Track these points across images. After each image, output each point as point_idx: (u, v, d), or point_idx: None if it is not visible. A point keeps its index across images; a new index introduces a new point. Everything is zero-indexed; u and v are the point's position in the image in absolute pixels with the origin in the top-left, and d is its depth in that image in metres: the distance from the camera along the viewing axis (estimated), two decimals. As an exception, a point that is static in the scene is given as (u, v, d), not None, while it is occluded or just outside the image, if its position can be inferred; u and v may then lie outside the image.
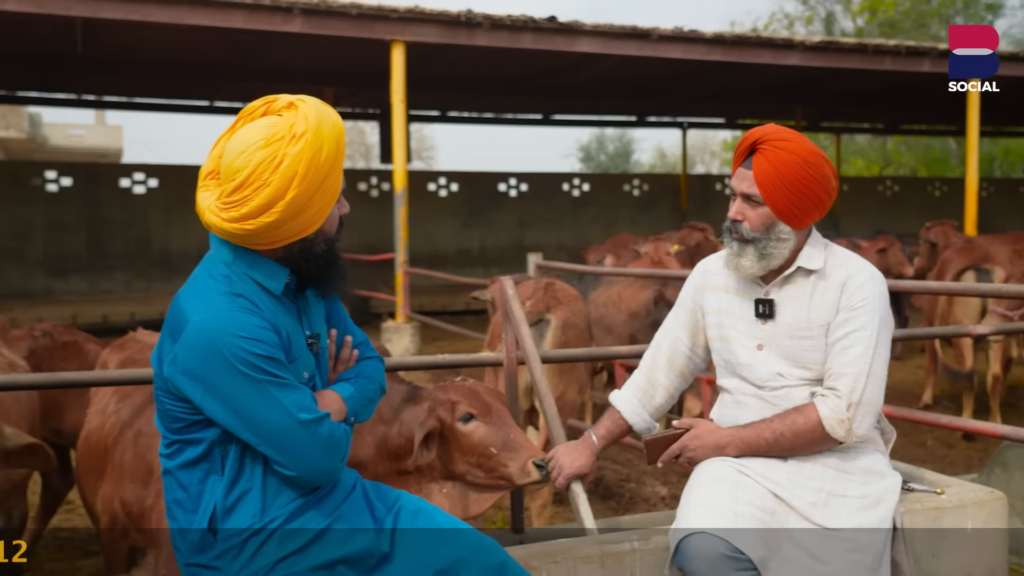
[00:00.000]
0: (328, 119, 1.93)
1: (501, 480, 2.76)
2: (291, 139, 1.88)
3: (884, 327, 2.41)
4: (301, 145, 1.87)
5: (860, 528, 2.31)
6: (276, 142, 1.88)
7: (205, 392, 1.86)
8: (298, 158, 1.87)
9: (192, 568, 1.95)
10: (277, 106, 1.97)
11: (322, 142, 1.90)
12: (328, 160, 1.91)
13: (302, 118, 1.90)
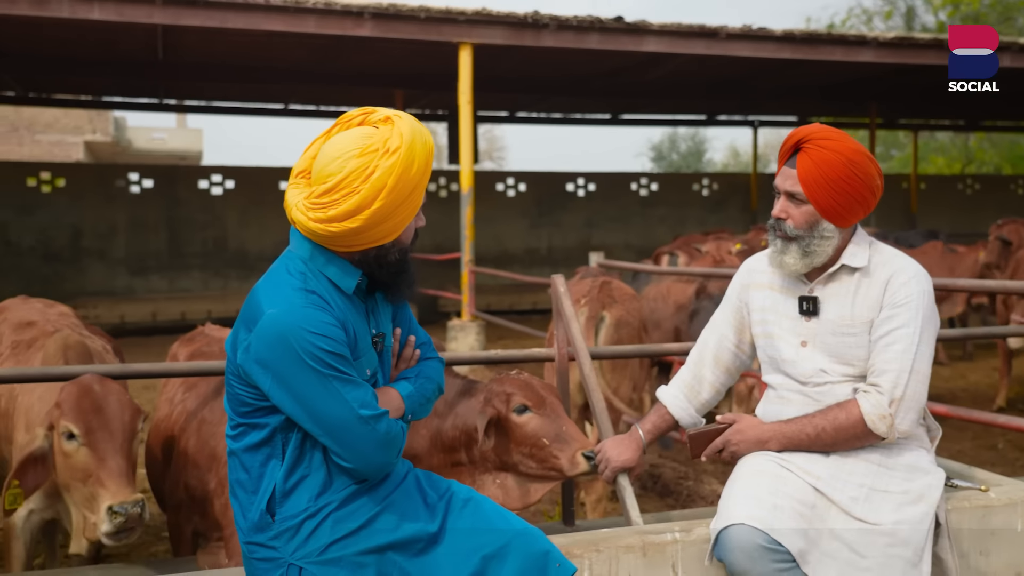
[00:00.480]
0: (421, 137, 2.04)
1: (552, 471, 2.84)
2: (385, 152, 1.98)
3: (928, 325, 2.42)
4: (394, 160, 1.97)
5: (901, 523, 2.33)
6: (370, 153, 1.98)
7: (274, 381, 1.97)
8: (389, 171, 1.97)
9: (251, 546, 2.07)
10: (374, 118, 2.07)
11: (413, 158, 2.00)
12: (416, 176, 2.01)
13: (397, 133, 2.00)
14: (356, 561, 2.01)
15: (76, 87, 15.07)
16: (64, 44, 11.22)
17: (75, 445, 2.76)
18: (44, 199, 15.38)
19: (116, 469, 2.72)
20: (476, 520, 2.17)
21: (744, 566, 2.31)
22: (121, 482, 2.70)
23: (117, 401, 2.83)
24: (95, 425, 2.76)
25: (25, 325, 3.86)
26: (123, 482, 2.70)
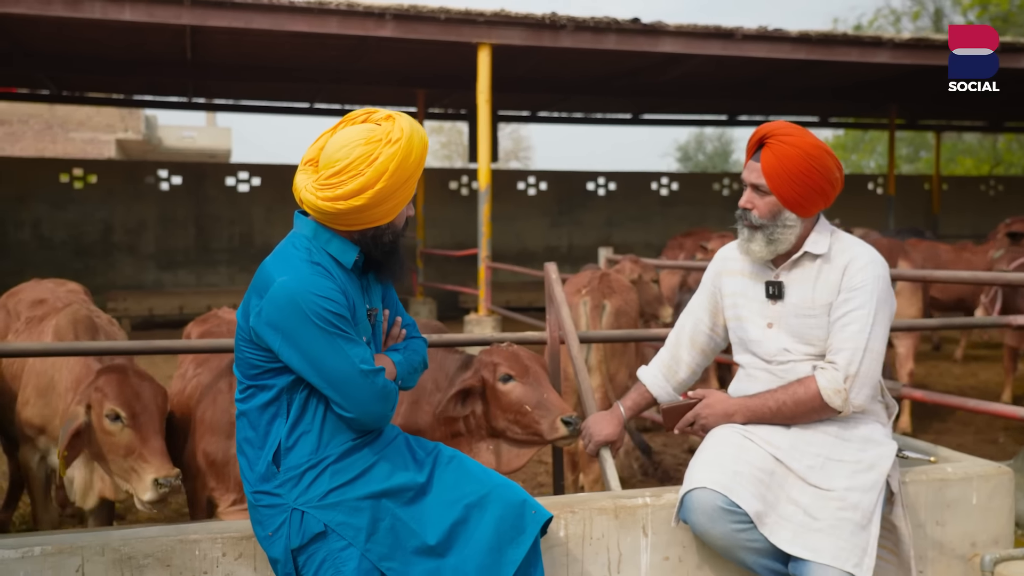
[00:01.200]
0: (418, 133, 2.32)
1: (535, 436, 3.06)
2: (387, 142, 2.26)
3: (882, 307, 2.61)
4: (395, 148, 2.25)
5: (852, 489, 2.52)
6: (374, 143, 2.25)
7: (284, 340, 2.21)
8: (390, 158, 2.24)
9: (257, 495, 2.30)
10: (377, 117, 2.34)
11: (412, 149, 2.27)
12: (413, 164, 2.29)
13: (398, 128, 2.28)
14: (353, 506, 2.24)
15: (108, 86, 15.45)
16: (96, 44, 11.57)
17: (119, 426, 3.14)
18: (76, 195, 15.78)
19: (157, 447, 3.12)
20: (460, 474, 2.40)
21: (705, 526, 2.52)
22: (163, 459, 3.10)
23: (151, 386, 3.23)
24: (137, 409, 3.15)
25: (38, 303, 4.25)
26: (165, 459, 3.11)
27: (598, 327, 4.36)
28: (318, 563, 2.22)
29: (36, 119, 26.72)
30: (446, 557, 2.28)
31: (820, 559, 2.44)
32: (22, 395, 3.76)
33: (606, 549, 2.61)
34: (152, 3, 9.19)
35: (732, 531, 2.50)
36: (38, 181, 15.64)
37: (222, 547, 2.36)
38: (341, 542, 2.21)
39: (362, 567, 2.21)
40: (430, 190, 16.12)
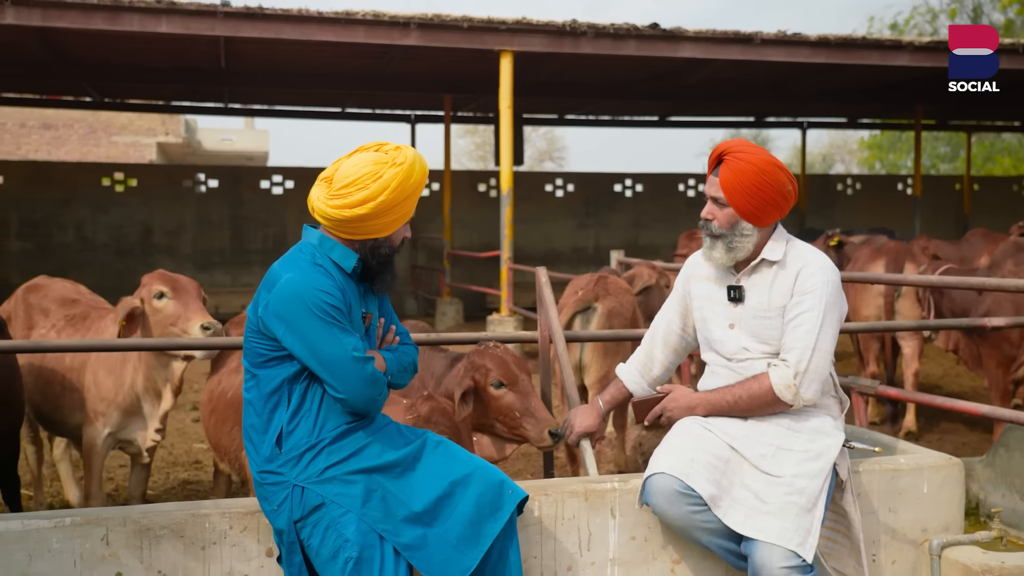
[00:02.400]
0: (420, 161, 2.70)
1: (521, 438, 3.37)
2: (392, 164, 2.63)
3: (831, 309, 2.85)
4: (398, 170, 2.62)
5: (798, 476, 2.76)
6: (381, 164, 2.63)
7: (287, 329, 2.53)
8: (393, 177, 2.61)
9: (263, 474, 2.60)
10: (386, 147, 2.71)
11: (412, 172, 2.64)
12: (412, 185, 2.65)
13: (403, 155, 2.66)
14: (346, 479, 2.54)
15: (147, 93, 15.96)
16: (136, 54, 12.03)
17: (165, 300, 4.15)
18: (117, 198, 16.32)
19: (197, 307, 4.14)
20: (446, 456, 2.70)
21: (663, 507, 2.78)
22: (204, 313, 4.12)
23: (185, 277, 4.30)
24: (177, 287, 4.18)
25: (70, 302, 4.80)
26: (205, 313, 4.12)
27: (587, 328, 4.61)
28: (323, 530, 2.51)
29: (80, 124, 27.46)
30: (432, 526, 2.57)
31: (767, 538, 2.68)
32: (92, 377, 4.38)
33: (577, 529, 2.88)
34: (187, 16, 9.60)
35: (688, 513, 2.76)
36: (81, 185, 16.20)
37: (229, 521, 2.66)
38: (340, 510, 2.51)
39: (361, 528, 2.51)
40: (458, 192, 16.43)
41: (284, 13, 9.76)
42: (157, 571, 2.61)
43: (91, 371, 4.44)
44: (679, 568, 2.94)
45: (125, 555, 2.58)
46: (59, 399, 4.57)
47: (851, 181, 20.42)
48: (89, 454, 4.41)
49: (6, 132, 26.58)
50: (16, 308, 5.02)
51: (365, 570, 2.48)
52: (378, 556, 2.49)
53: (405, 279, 16.91)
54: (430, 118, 17.01)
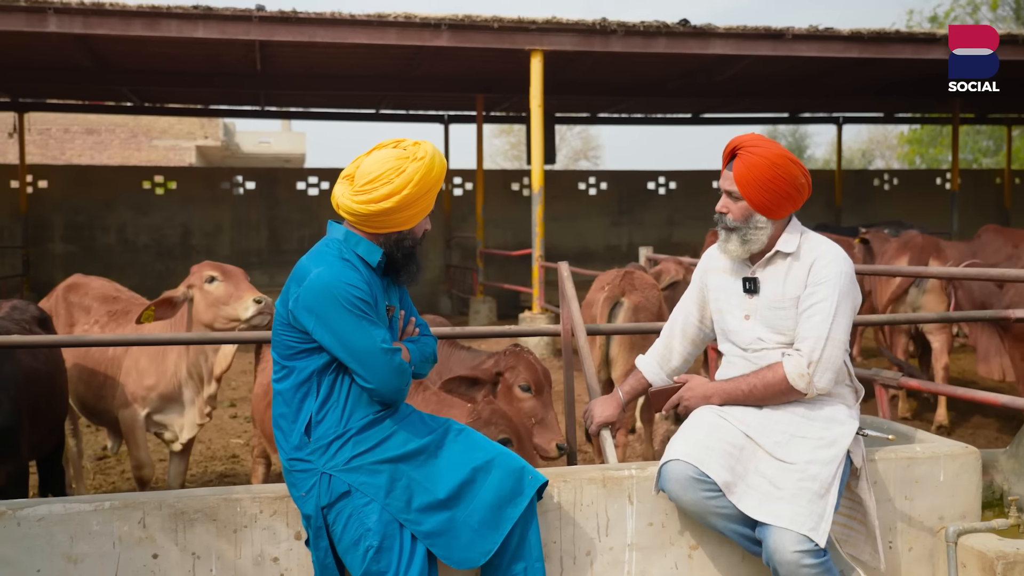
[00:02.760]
0: (439, 155, 2.80)
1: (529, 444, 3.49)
2: (413, 159, 2.73)
3: (844, 300, 2.90)
4: (419, 164, 2.72)
5: (812, 463, 2.81)
6: (403, 159, 2.72)
7: (317, 322, 2.63)
8: (415, 171, 2.70)
9: (292, 461, 2.71)
10: (404, 144, 2.80)
11: (433, 166, 2.74)
12: (434, 179, 2.75)
13: (423, 150, 2.76)
14: (372, 468, 2.64)
15: (186, 97, 16.27)
16: (173, 59, 12.29)
17: (216, 283, 4.55)
18: (157, 200, 16.64)
19: (246, 286, 4.54)
20: (468, 443, 2.79)
21: (678, 493, 2.85)
22: (253, 289, 4.54)
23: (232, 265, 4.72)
24: (227, 271, 4.61)
25: (111, 299, 5.11)
26: (254, 289, 4.53)
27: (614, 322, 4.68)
28: (346, 517, 2.61)
29: (122, 128, 28.03)
30: (454, 511, 2.67)
31: (780, 523, 2.74)
32: (131, 364, 4.79)
33: (595, 515, 2.95)
34: (223, 21, 9.81)
35: (702, 498, 2.82)
36: (122, 188, 16.54)
37: (259, 505, 2.78)
38: (364, 499, 2.61)
39: (383, 518, 2.60)
40: (491, 192, 16.53)
41: (317, 16, 9.94)
42: (191, 552, 2.73)
43: (131, 358, 4.76)
44: (696, 554, 3.00)
45: (161, 537, 2.70)
46: (102, 389, 4.88)
47: (888, 176, 20.23)
48: (131, 431, 4.77)
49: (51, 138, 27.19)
50: (57, 306, 5.24)
51: (385, 559, 2.57)
52: (397, 545, 2.58)
53: (439, 278, 17.06)
54: (463, 118, 17.14)
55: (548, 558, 2.90)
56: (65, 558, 2.65)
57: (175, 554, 2.71)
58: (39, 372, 4.10)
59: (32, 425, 3.91)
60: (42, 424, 4.12)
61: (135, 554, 2.69)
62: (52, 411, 4.34)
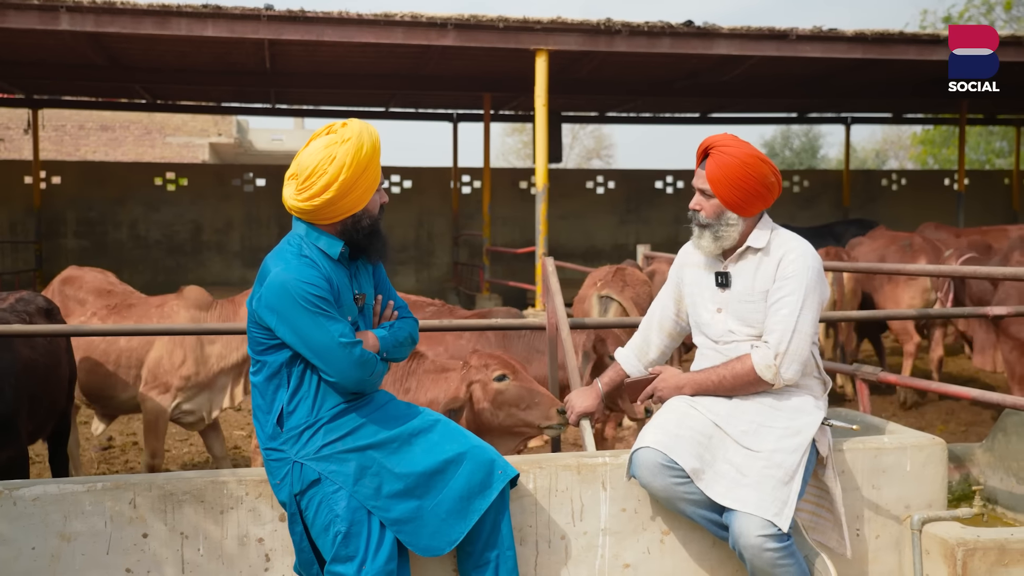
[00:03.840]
0: (367, 129, 2.84)
1: (528, 427, 3.58)
2: (342, 142, 2.78)
3: (811, 294, 3.00)
4: (347, 146, 2.77)
5: (777, 451, 2.91)
6: (332, 145, 2.79)
7: (279, 319, 2.73)
8: (346, 154, 2.76)
9: (267, 451, 2.82)
10: (334, 127, 2.87)
11: (362, 143, 2.79)
12: (367, 156, 2.79)
13: (348, 130, 2.81)
14: (341, 457, 2.74)
15: (197, 95, 16.44)
16: (184, 56, 12.45)
17: None
18: (169, 197, 16.84)
19: None
20: (442, 434, 2.89)
21: (648, 479, 2.96)
22: None
23: None
24: None
25: (106, 292, 5.26)
26: None
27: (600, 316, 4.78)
28: (316, 504, 2.72)
29: (136, 125, 28.28)
30: (423, 500, 2.77)
31: (745, 508, 2.84)
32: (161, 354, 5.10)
33: (570, 500, 3.06)
34: (232, 19, 9.94)
35: (671, 484, 2.93)
36: (134, 184, 16.75)
37: (245, 488, 2.90)
38: (333, 486, 2.71)
39: (351, 505, 2.70)
40: (499, 190, 16.65)
41: (325, 16, 10.06)
42: (180, 532, 2.85)
43: (160, 349, 5.04)
44: (668, 539, 3.11)
45: (150, 517, 2.83)
46: (110, 377, 5.17)
47: (896, 176, 20.23)
48: (156, 421, 5.07)
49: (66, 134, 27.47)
50: (53, 298, 5.42)
51: (353, 544, 2.67)
52: (366, 531, 2.69)
53: (446, 275, 17.18)
54: (471, 116, 17.25)
55: (523, 542, 3.01)
56: (59, 536, 2.78)
57: (164, 533, 2.84)
58: (37, 361, 4.23)
59: (31, 412, 4.05)
60: (41, 410, 4.26)
61: (125, 533, 2.81)
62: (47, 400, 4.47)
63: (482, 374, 3.54)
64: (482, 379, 3.54)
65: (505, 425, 3.59)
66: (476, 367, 3.56)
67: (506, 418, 3.58)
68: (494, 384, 3.54)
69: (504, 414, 3.58)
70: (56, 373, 4.49)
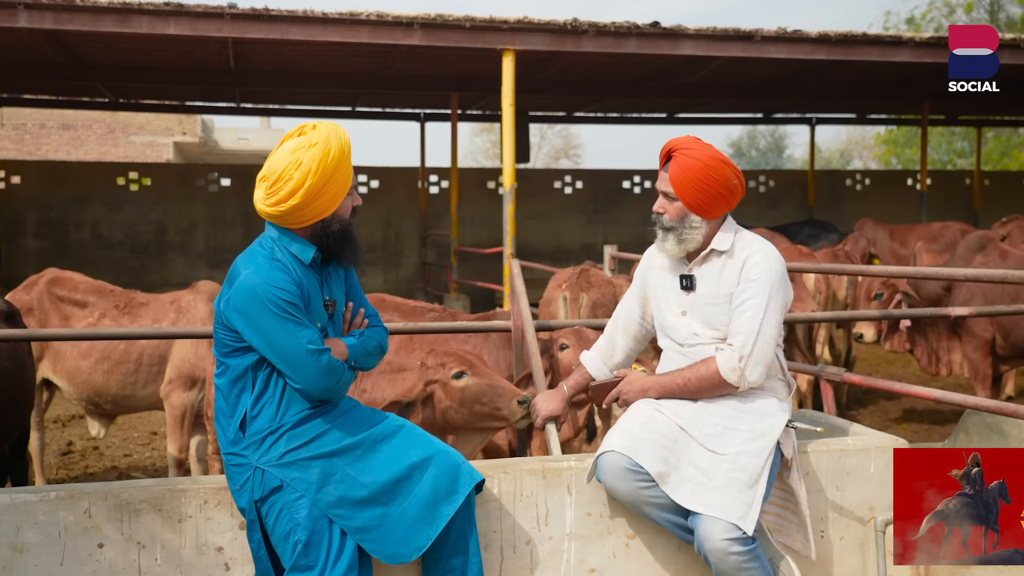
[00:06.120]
0: (335, 133, 2.77)
1: (494, 420, 3.53)
2: (309, 147, 2.72)
3: (775, 296, 3.00)
4: (314, 151, 2.71)
5: (741, 454, 2.91)
6: (300, 150, 2.73)
7: (246, 323, 2.68)
8: (312, 159, 2.70)
9: (229, 456, 2.77)
10: (305, 129, 2.81)
11: (330, 148, 2.73)
12: (334, 161, 2.73)
13: (316, 134, 2.75)
14: (304, 464, 2.70)
15: (160, 93, 16.23)
16: (147, 55, 12.26)
17: None
18: (132, 197, 16.61)
19: None
20: (407, 439, 2.85)
21: (612, 483, 2.94)
22: None
23: None
24: None
25: (108, 292, 5.34)
26: None
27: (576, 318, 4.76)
28: (277, 511, 2.68)
29: (99, 124, 27.88)
30: (388, 507, 2.73)
31: (710, 512, 2.83)
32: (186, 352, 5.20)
33: (535, 505, 3.04)
34: (194, 17, 9.81)
35: (636, 488, 2.91)
36: (96, 184, 16.50)
37: (204, 495, 2.84)
38: (295, 494, 2.67)
39: (312, 514, 2.66)
40: (467, 190, 16.60)
41: (289, 14, 9.95)
42: (136, 542, 2.79)
43: (184, 344, 5.15)
44: (633, 543, 3.09)
45: (107, 527, 2.77)
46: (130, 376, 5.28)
47: (860, 176, 20.46)
48: (182, 416, 5.19)
49: (26, 133, 27.02)
50: (41, 299, 5.33)
51: (312, 553, 2.63)
52: (326, 541, 2.64)
53: (415, 275, 17.11)
54: (439, 116, 17.19)
55: (488, 548, 2.98)
56: (10, 547, 2.71)
57: (120, 543, 2.78)
58: (3, 367, 4.14)
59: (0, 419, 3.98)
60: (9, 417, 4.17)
61: (80, 543, 2.75)
62: (15, 405, 4.39)
63: (440, 373, 3.50)
64: (441, 378, 3.51)
65: (471, 422, 3.55)
66: (432, 367, 3.52)
67: (470, 415, 3.54)
68: (454, 383, 3.51)
69: (468, 411, 3.54)
70: (22, 378, 4.41)
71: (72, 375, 5.26)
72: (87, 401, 5.39)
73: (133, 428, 7.38)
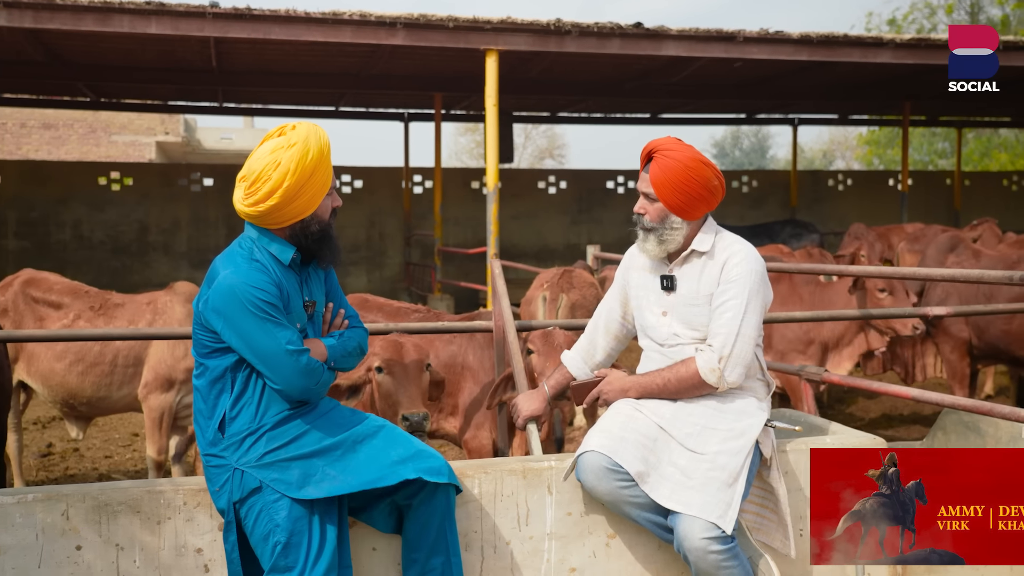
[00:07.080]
0: (314, 134, 2.76)
1: None
2: (287, 147, 2.72)
3: (755, 297, 3.01)
4: (293, 151, 2.71)
5: (720, 453, 2.92)
6: (279, 150, 2.72)
7: (225, 323, 2.67)
8: (290, 160, 2.70)
9: (208, 457, 2.77)
10: (284, 129, 2.80)
11: (308, 148, 2.72)
12: (312, 161, 2.72)
13: (296, 134, 2.75)
14: (284, 464, 2.69)
15: (142, 92, 16.13)
16: (128, 54, 12.20)
17: None
18: (114, 197, 16.50)
19: None
20: (387, 439, 2.85)
21: (592, 483, 2.95)
22: None
23: None
24: None
25: (83, 293, 5.24)
26: None
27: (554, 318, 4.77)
28: (256, 513, 2.67)
29: (80, 123, 27.68)
30: None
31: (690, 511, 2.85)
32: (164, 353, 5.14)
33: (515, 505, 3.04)
34: (176, 17, 9.76)
35: (616, 488, 2.92)
36: (77, 184, 16.38)
37: (183, 497, 2.83)
38: (275, 495, 2.67)
39: (292, 514, 2.66)
40: (451, 190, 16.58)
41: (272, 14, 9.91)
42: (115, 544, 2.78)
43: (160, 345, 5.10)
44: (613, 543, 3.10)
45: (84, 529, 2.75)
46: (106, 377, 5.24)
47: (842, 177, 20.55)
48: (161, 418, 5.16)
49: (7, 132, 26.80)
50: (16, 300, 5.29)
51: (292, 555, 2.63)
52: (306, 541, 2.64)
53: (398, 275, 17.08)
54: (423, 116, 17.16)
55: (469, 548, 2.99)
56: (-12, 550, 2.69)
57: (99, 545, 2.76)
58: None
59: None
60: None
61: (58, 545, 2.74)
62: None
63: (370, 361, 3.53)
64: (373, 367, 3.53)
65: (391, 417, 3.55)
66: (371, 354, 3.54)
67: (384, 410, 3.56)
68: (374, 374, 3.54)
69: (382, 405, 3.57)
70: None
71: (46, 377, 5.21)
72: (62, 403, 5.35)
73: (114, 430, 7.34)
